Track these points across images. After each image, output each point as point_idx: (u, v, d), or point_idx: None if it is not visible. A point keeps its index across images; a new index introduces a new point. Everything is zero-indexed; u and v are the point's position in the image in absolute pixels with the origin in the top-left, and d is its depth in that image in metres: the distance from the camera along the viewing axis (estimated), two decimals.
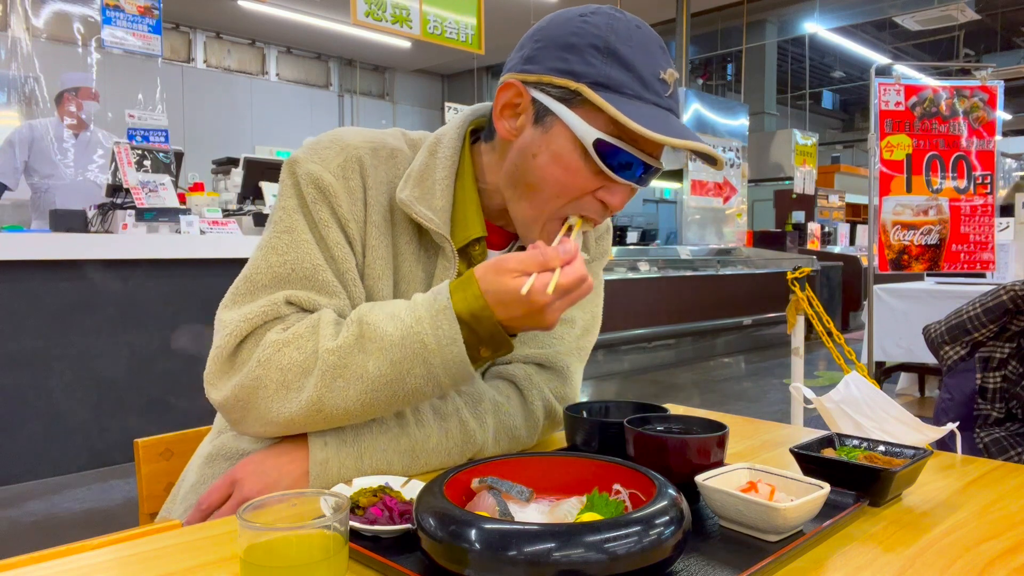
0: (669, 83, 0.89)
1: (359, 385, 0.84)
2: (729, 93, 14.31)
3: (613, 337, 6.24)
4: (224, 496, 0.90)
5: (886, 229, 4.11)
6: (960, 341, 1.71)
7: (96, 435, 3.37)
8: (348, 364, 0.84)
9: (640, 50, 0.87)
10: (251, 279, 0.92)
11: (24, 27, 4.89)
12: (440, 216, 0.96)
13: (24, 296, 3.19)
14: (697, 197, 8.73)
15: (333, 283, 0.92)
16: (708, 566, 0.67)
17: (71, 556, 0.69)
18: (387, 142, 1.00)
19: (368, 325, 0.85)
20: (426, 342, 0.83)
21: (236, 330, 0.88)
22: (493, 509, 0.68)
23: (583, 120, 0.87)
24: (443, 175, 0.97)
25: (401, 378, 0.84)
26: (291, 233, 0.93)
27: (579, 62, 0.87)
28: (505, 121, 0.93)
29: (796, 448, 0.89)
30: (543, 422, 1.04)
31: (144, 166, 3.72)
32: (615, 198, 0.91)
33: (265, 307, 0.89)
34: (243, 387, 0.87)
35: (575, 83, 0.86)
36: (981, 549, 0.72)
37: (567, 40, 0.88)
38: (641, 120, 0.83)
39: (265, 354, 0.86)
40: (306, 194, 0.93)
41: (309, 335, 0.86)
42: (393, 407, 0.88)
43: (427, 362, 0.83)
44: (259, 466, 0.90)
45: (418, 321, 0.83)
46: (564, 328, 1.09)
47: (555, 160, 0.89)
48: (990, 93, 4.18)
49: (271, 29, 11.63)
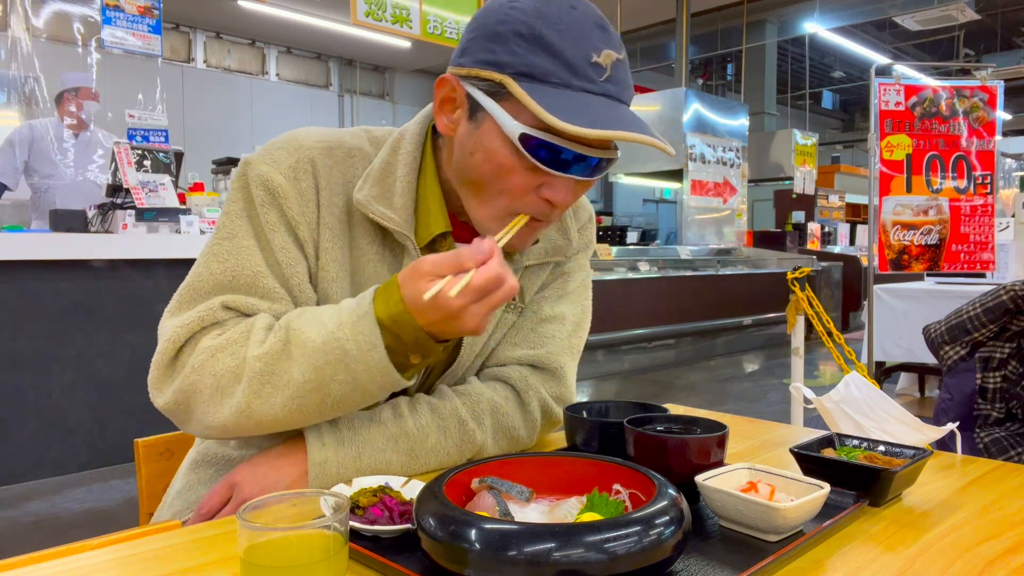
0: (605, 66, 0.82)
1: (286, 392, 0.83)
2: (729, 93, 14.31)
3: (613, 337, 6.24)
4: (223, 500, 0.90)
5: (886, 229, 4.11)
6: (960, 341, 1.71)
7: (96, 435, 3.37)
8: (275, 370, 0.83)
9: (570, 34, 0.81)
10: (193, 287, 0.91)
11: (24, 27, 4.89)
12: (400, 214, 0.93)
13: (24, 296, 3.19)
14: (697, 197, 8.73)
15: (275, 289, 0.91)
16: (708, 566, 0.67)
17: (71, 556, 0.69)
18: (345, 141, 0.98)
19: (294, 331, 0.84)
20: (347, 348, 0.81)
21: (174, 336, 0.88)
22: (493, 509, 0.67)
23: (508, 114, 0.82)
24: (404, 172, 0.95)
25: (325, 384, 0.83)
26: (232, 240, 0.92)
27: (504, 52, 0.82)
28: (444, 116, 0.90)
29: (796, 448, 0.89)
30: (541, 422, 1.04)
31: (144, 166, 3.72)
32: (557, 194, 0.86)
33: (202, 313, 0.88)
34: (182, 392, 0.87)
35: (499, 75, 0.82)
36: (981, 549, 0.72)
37: (494, 29, 0.84)
38: (563, 110, 0.78)
39: (199, 360, 0.86)
40: (255, 196, 0.92)
41: (242, 341, 0.85)
42: (323, 414, 0.86)
43: (349, 368, 0.81)
44: (257, 468, 0.90)
45: (340, 327, 0.81)
46: (554, 326, 1.07)
47: (489, 158, 0.86)
48: (990, 93, 4.18)
49: (271, 29, 11.63)
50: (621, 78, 0.85)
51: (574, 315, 1.11)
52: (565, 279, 1.11)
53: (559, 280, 1.11)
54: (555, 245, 1.08)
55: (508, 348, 1.06)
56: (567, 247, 1.09)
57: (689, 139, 8.57)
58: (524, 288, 1.07)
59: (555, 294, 1.10)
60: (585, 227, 1.15)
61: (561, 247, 1.08)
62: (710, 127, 8.94)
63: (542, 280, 1.09)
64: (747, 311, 7.61)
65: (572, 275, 1.12)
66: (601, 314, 5.98)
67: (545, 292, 1.10)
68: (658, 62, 13.15)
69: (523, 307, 1.07)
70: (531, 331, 1.06)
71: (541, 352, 1.05)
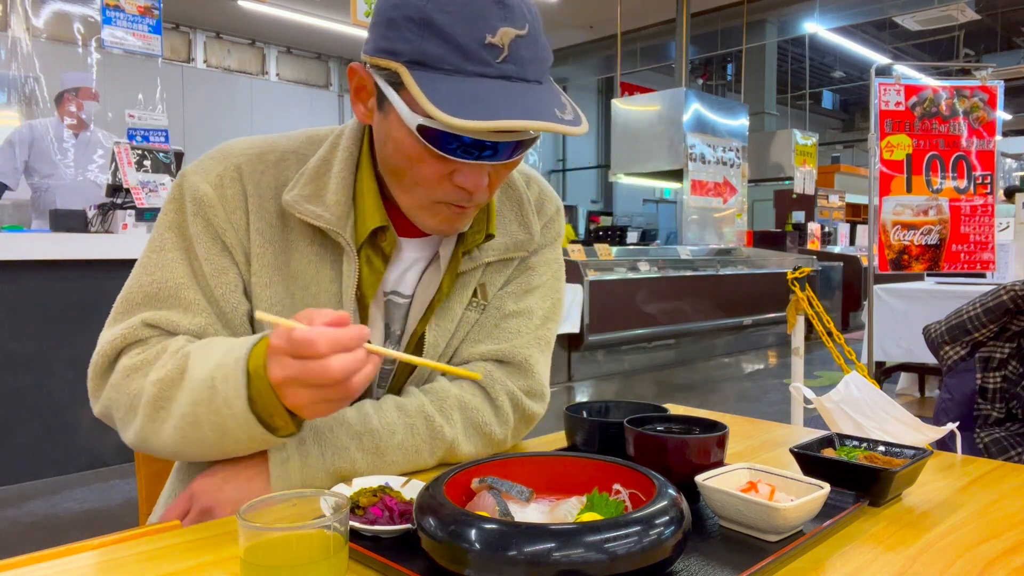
0: (501, 45, 0.78)
1: (172, 422, 0.82)
2: (729, 93, 14.32)
3: (613, 337, 6.24)
4: (184, 510, 0.87)
5: (886, 229, 4.11)
6: (960, 341, 1.71)
7: (96, 435, 3.37)
8: (167, 397, 0.82)
9: (462, 15, 0.77)
10: (126, 299, 0.92)
11: (24, 27, 4.89)
12: (334, 211, 0.92)
13: (24, 296, 3.19)
14: (697, 197, 8.73)
15: (197, 301, 0.91)
16: (708, 566, 0.67)
17: (71, 556, 0.69)
18: (279, 146, 0.97)
19: (192, 360, 0.82)
20: (217, 388, 0.78)
21: (102, 350, 0.90)
22: (493, 509, 0.67)
23: (407, 105, 0.80)
24: (340, 167, 0.93)
25: (199, 422, 0.80)
26: (159, 252, 0.93)
27: (398, 39, 0.79)
28: (360, 105, 0.89)
29: (796, 448, 0.89)
30: (513, 417, 1.00)
31: (144, 166, 3.72)
32: (470, 180, 0.84)
33: (125, 330, 0.89)
34: (104, 406, 0.90)
35: (395, 63, 0.79)
36: (981, 549, 0.72)
37: (389, 15, 0.81)
38: (452, 101, 0.75)
39: (116, 379, 0.88)
40: (187, 207, 0.93)
41: (153, 362, 0.86)
42: (208, 453, 0.84)
43: (218, 411, 0.78)
44: (214, 476, 0.87)
45: (219, 366, 0.79)
46: (520, 321, 1.04)
47: (398, 148, 0.85)
48: (990, 93, 4.18)
49: (271, 29, 11.63)
50: (523, 56, 0.80)
51: (543, 309, 1.07)
52: (530, 274, 1.08)
53: (524, 275, 1.08)
54: (516, 240, 1.04)
55: (471, 345, 1.03)
56: (529, 242, 1.05)
57: (689, 139, 8.57)
58: (487, 284, 1.04)
59: (520, 289, 1.07)
60: (552, 220, 1.11)
61: (523, 242, 1.05)
62: (710, 127, 8.94)
63: (505, 276, 1.06)
64: (747, 311, 7.60)
65: (537, 269, 1.09)
66: (601, 314, 6.01)
67: (509, 287, 1.06)
68: (658, 62, 13.15)
69: (485, 304, 1.05)
70: (495, 327, 1.04)
71: (506, 346, 1.02)
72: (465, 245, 0.99)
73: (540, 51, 0.83)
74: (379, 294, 0.99)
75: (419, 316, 1.01)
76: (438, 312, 1.00)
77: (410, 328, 1.02)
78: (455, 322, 1.02)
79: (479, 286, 1.03)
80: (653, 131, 8.72)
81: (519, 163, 0.90)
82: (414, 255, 1.00)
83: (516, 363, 1.02)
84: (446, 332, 1.01)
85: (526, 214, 1.06)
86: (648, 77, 13.52)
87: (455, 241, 1.00)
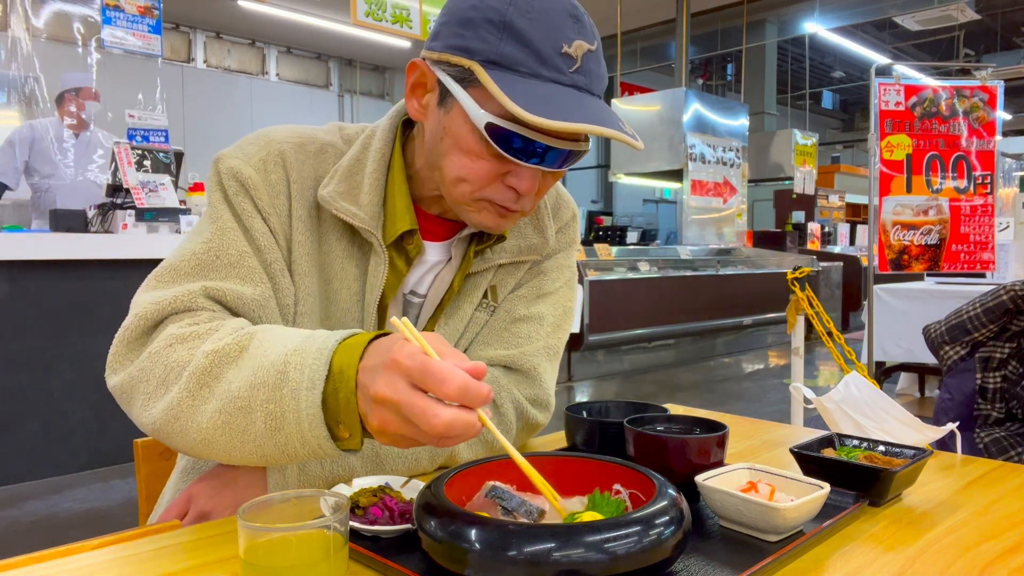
0: (575, 57, 0.81)
1: (215, 403, 0.74)
2: (729, 93, 14.31)
3: (613, 337, 6.24)
4: (181, 513, 0.87)
5: (886, 229, 4.11)
6: (960, 341, 1.71)
7: (96, 435, 3.37)
8: (219, 373, 0.74)
9: (541, 22, 0.80)
10: (174, 266, 0.87)
11: (24, 27, 4.89)
12: (367, 211, 0.92)
13: (24, 296, 3.19)
14: (697, 197, 8.73)
15: (258, 271, 0.88)
16: (708, 566, 0.67)
17: (71, 556, 0.69)
18: (318, 137, 0.98)
19: (257, 340, 0.76)
20: (289, 375, 0.69)
21: (143, 312, 0.83)
22: (493, 508, 0.67)
23: (476, 102, 0.81)
24: (373, 168, 0.94)
25: (251, 408, 0.71)
26: (216, 222, 0.90)
27: (474, 38, 0.81)
28: (415, 101, 0.90)
29: (796, 448, 0.89)
30: (516, 424, 1.00)
31: (144, 166, 3.72)
32: (523, 183, 0.85)
33: (178, 294, 0.83)
34: (127, 378, 0.82)
35: (468, 61, 0.81)
36: (981, 549, 0.72)
37: (465, 15, 0.82)
38: (529, 101, 0.77)
39: (157, 347, 0.80)
40: (227, 187, 0.90)
41: (206, 336, 0.79)
42: (236, 451, 0.74)
43: (281, 400, 0.69)
44: (213, 480, 0.87)
45: (296, 351, 0.71)
46: (530, 326, 1.04)
47: (456, 144, 0.85)
48: (990, 93, 4.18)
49: (271, 29, 11.63)
50: (592, 69, 0.83)
51: (554, 316, 1.07)
52: (543, 278, 1.08)
53: (536, 279, 1.08)
54: (530, 243, 1.05)
55: (480, 348, 1.03)
56: (543, 246, 1.05)
57: (689, 139, 8.57)
58: (497, 286, 1.04)
59: (532, 293, 1.07)
60: (568, 226, 1.12)
61: (536, 245, 1.05)
62: (710, 127, 8.94)
63: (517, 279, 1.06)
64: (747, 311, 7.60)
65: (550, 274, 1.08)
66: (601, 314, 6.01)
67: (521, 291, 1.06)
68: (658, 62, 13.15)
69: (496, 306, 1.05)
70: (504, 331, 1.03)
71: (515, 352, 1.01)
72: (477, 246, 1.00)
73: (603, 69, 0.86)
74: (399, 295, 1.00)
75: (430, 314, 1.02)
76: (448, 311, 1.01)
77: (421, 325, 1.02)
78: (464, 321, 1.02)
79: (490, 288, 1.04)
80: (653, 131, 8.72)
81: (563, 174, 0.91)
82: (435, 258, 1.01)
83: (524, 371, 1.02)
84: (455, 331, 1.01)
85: (542, 218, 1.06)
86: (648, 77, 13.52)
87: (468, 241, 1.01)
